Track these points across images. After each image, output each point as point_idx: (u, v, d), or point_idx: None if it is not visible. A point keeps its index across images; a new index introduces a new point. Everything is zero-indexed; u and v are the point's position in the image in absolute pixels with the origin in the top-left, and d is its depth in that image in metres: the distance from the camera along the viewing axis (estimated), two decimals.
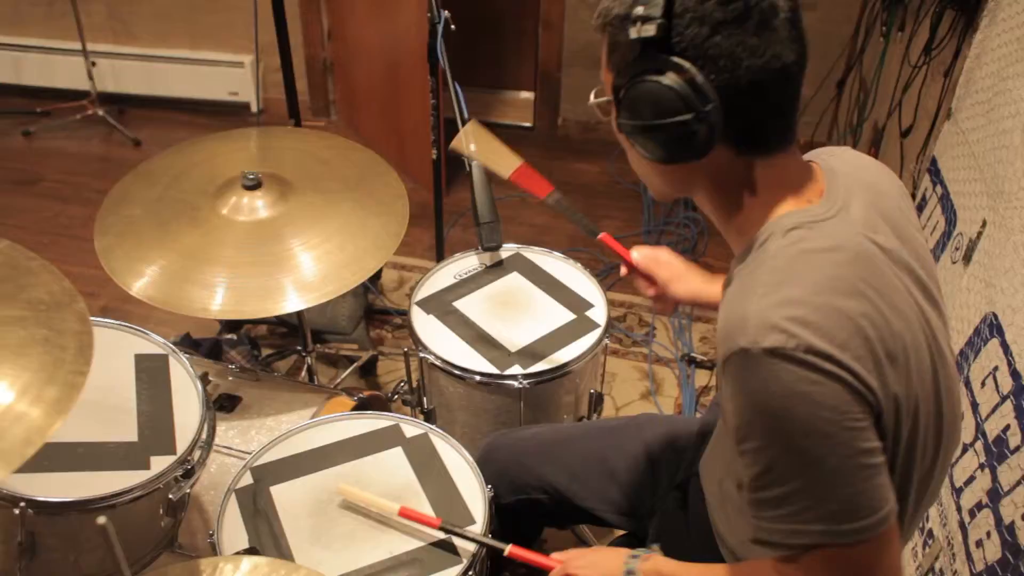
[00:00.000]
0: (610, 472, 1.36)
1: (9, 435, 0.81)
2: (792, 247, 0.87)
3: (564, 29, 3.37)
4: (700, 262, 2.88)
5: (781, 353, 0.80)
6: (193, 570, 1.07)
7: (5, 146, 3.55)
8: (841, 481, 0.83)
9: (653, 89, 0.85)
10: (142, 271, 1.50)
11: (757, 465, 0.86)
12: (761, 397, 0.82)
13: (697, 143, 0.86)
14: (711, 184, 0.93)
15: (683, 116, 0.84)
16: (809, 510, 0.84)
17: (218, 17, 3.55)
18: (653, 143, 0.89)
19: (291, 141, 1.85)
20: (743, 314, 0.84)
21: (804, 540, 0.86)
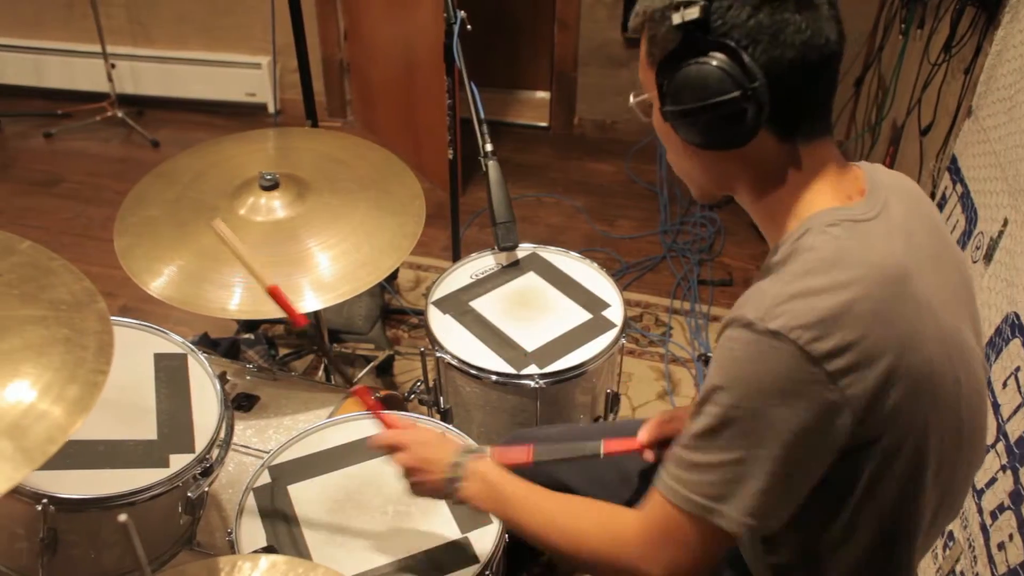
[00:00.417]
0: (625, 475, 1.35)
1: (32, 433, 0.82)
2: (829, 244, 0.86)
3: (580, 29, 3.36)
4: (717, 262, 2.87)
5: (784, 338, 0.81)
6: (212, 568, 1.07)
7: (27, 148, 3.59)
8: (765, 477, 0.84)
9: (699, 71, 0.84)
10: (160, 271, 1.51)
11: (705, 425, 0.86)
12: (749, 369, 0.83)
13: (744, 124, 0.85)
14: (753, 174, 0.93)
15: (730, 94, 0.83)
16: (727, 485, 0.86)
17: (235, 19, 3.57)
18: (700, 127, 0.88)
19: (308, 141, 1.86)
20: (762, 291, 0.85)
21: (691, 508, 0.88)
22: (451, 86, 1.93)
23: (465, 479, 1.10)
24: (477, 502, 1.10)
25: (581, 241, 2.97)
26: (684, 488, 0.88)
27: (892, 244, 0.88)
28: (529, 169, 3.41)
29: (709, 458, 0.86)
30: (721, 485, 0.86)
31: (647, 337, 2.56)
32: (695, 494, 0.87)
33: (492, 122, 1.69)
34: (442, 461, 1.12)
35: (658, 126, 0.95)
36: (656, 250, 2.94)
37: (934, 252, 0.94)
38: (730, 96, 0.84)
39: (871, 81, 2.94)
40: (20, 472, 0.78)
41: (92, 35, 3.46)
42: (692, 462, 0.88)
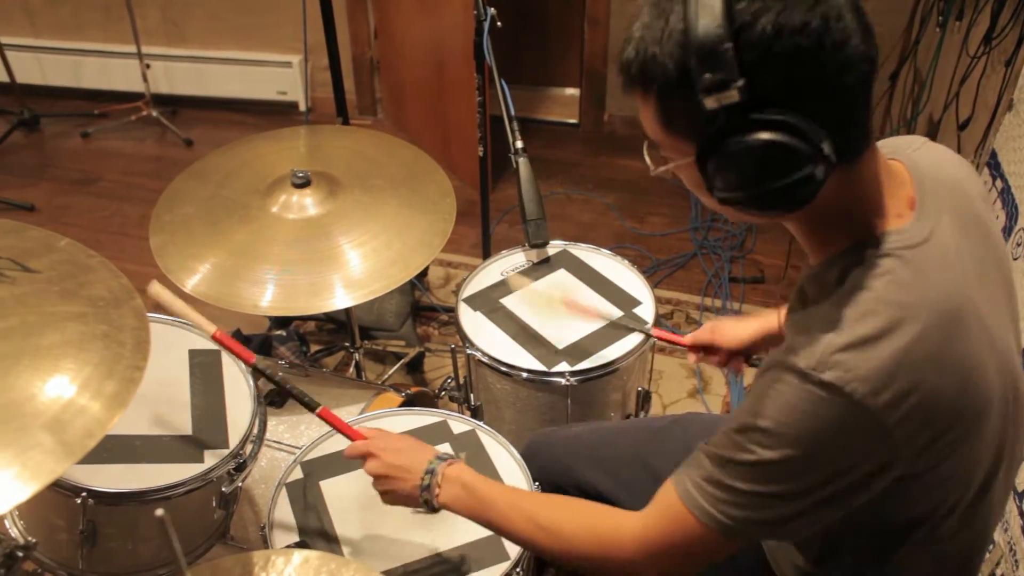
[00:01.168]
0: (654, 475, 1.34)
1: (72, 427, 0.83)
2: (881, 280, 0.81)
3: (610, 25, 3.35)
4: (749, 259, 2.84)
5: (839, 390, 0.77)
6: (246, 562, 1.08)
7: (65, 147, 3.65)
8: (799, 508, 0.83)
9: (756, 156, 0.76)
10: (195, 268, 1.52)
11: (744, 459, 0.83)
12: (799, 419, 0.80)
13: (817, 186, 0.78)
14: (804, 213, 0.85)
15: (807, 169, 0.75)
16: (739, 508, 0.84)
17: (266, 18, 3.60)
18: (767, 204, 0.80)
19: (339, 139, 1.87)
20: (814, 339, 0.80)
21: (711, 523, 0.86)
22: (481, 83, 1.93)
23: (440, 484, 1.08)
24: (455, 507, 1.08)
25: (611, 238, 2.96)
26: (707, 501, 0.86)
27: (946, 273, 0.84)
28: (559, 166, 3.40)
29: (739, 485, 0.84)
30: (748, 509, 0.84)
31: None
32: (718, 511, 0.86)
33: (521, 119, 1.68)
34: (415, 467, 1.10)
35: (692, 186, 0.88)
36: (687, 247, 2.92)
37: (980, 261, 0.90)
38: (806, 171, 0.76)
39: (907, 75, 2.89)
40: (61, 465, 0.80)
41: (128, 36, 3.52)
42: (719, 480, 0.86)
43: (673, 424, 1.42)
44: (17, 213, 3.18)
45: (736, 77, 0.73)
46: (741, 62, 0.73)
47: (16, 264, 1.01)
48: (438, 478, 1.09)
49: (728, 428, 0.86)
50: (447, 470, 1.09)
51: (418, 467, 1.10)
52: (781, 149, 0.75)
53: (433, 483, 1.09)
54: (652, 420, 1.50)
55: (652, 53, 0.78)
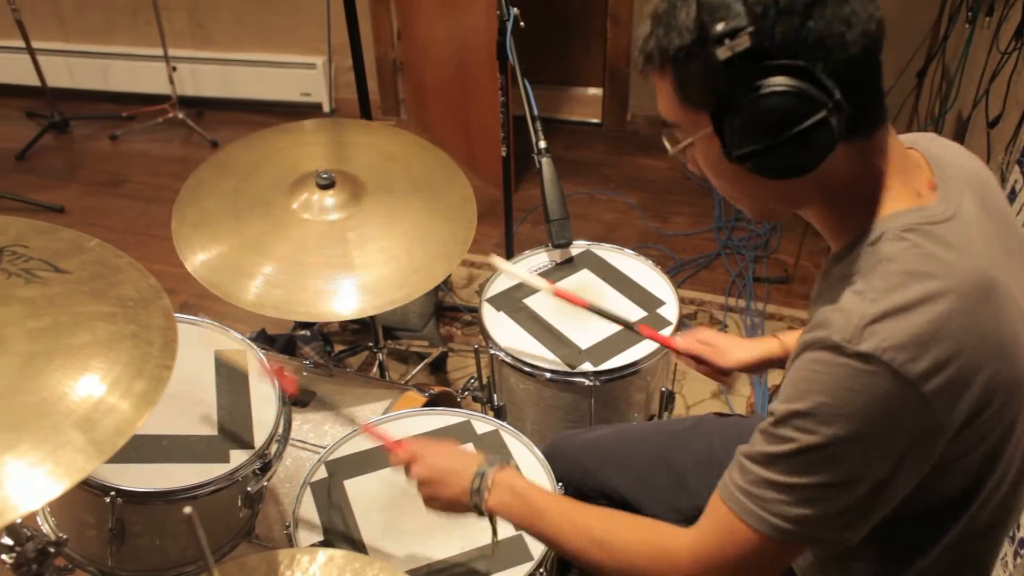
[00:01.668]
0: (677, 477, 1.33)
1: (102, 426, 0.84)
2: (909, 253, 0.81)
3: (632, 24, 3.33)
4: (773, 259, 2.82)
5: (875, 360, 0.76)
6: (271, 560, 1.09)
7: (94, 150, 3.70)
8: (852, 497, 0.81)
9: (771, 103, 0.77)
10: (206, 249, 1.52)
11: (786, 450, 0.82)
12: (839, 395, 0.78)
13: (828, 141, 0.79)
14: (825, 187, 0.86)
15: (817, 116, 0.77)
16: (791, 506, 0.82)
17: (290, 20, 3.62)
18: (780, 160, 0.80)
19: (363, 135, 1.86)
20: (847, 312, 0.80)
21: (764, 528, 0.84)
22: (504, 83, 1.93)
23: (490, 488, 1.06)
24: (505, 512, 1.06)
25: (634, 238, 2.95)
26: (757, 506, 0.84)
27: (973, 247, 0.84)
28: (582, 166, 3.39)
29: (788, 480, 0.82)
30: (801, 505, 0.82)
31: None
32: (771, 514, 0.83)
33: (544, 119, 1.68)
34: (464, 471, 1.08)
35: (709, 165, 0.89)
36: (711, 247, 2.90)
37: (1005, 243, 0.90)
38: (816, 119, 0.77)
39: (934, 72, 2.86)
40: (91, 463, 0.81)
41: (155, 39, 3.56)
42: (766, 479, 0.84)
43: (695, 426, 1.41)
44: (47, 214, 3.23)
45: (746, 24, 0.76)
46: (750, 12, 0.76)
47: (48, 265, 1.02)
48: (488, 482, 1.06)
49: (766, 423, 0.85)
50: (498, 475, 1.07)
51: (467, 470, 1.08)
52: (795, 94, 0.77)
53: (483, 486, 1.06)
54: (674, 422, 1.49)
55: (667, 23, 0.82)
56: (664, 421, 1.66)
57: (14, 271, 0.99)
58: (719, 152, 0.83)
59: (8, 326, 0.91)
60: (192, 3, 3.69)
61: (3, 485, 0.77)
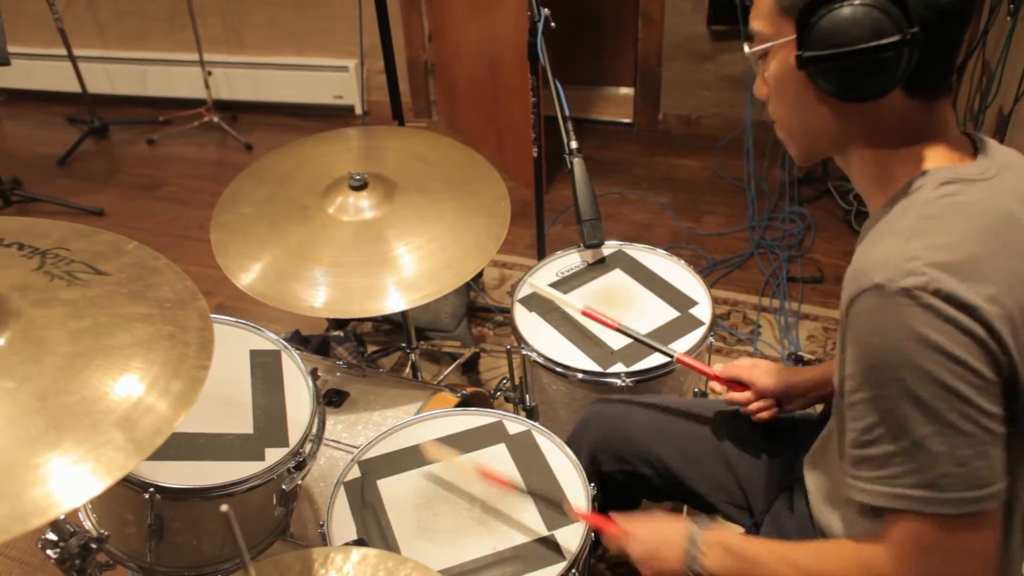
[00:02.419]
0: (725, 459, 1.32)
1: (141, 425, 0.86)
2: (945, 199, 0.83)
3: (664, 23, 3.32)
4: (807, 258, 2.78)
5: (917, 296, 0.77)
6: (306, 559, 1.10)
7: (132, 153, 3.77)
8: (955, 443, 0.79)
9: (855, 12, 0.81)
10: (251, 267, 1.55)
11: (867, 417, 0.82)
12: (886, 339, 0.78)
13: (892, 72, 0.82)
14: (874, 129, 0.89)
15: (890, 38, 0.80)
16: (914, 473, 0.81)
17: (323, 24, 3.66)
18: (844, 74, 0.83)
19: (395, 140, 1.88)
20: (884, 253, 0.80)
21: (902, 505, 0.82)
22: (535, 84, 1.93)
23: (704, 553, 1.08)
24: (723, 572, 1.07)
25: (667, 238, 2.93)
26: (891, 486, 0.82)
27: (1008, 201, 0.85)
28: (613, 166, 3.38)
29: (896, 447, 0.81)
30: (925, 468, 0.80)
31: (735, 335, 2.50)
32: (909, 487, 0.81)
33: (575, 119, 1.67)
34: (674, 542, 1.10)
35: (777, 78, 0.92)
36: (744, 247, 2.87)
37: None
38: (889, 40, 0.80)
39: (974, 67, 2.80)
40: (132, 461, 0.82)
41: (191, 45, 3.62)
42: (883, 454, 0.82)
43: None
44: (87, 217, 3.29)
45: None
46: None
47: (89, 267, 1.04)
48: (701, 546, 1.08)
49: (842, 405, 0.85)
50: (707, 536, 1.09)
51: (678, 540, 1.10)
52: (877, 9, 0.80)
53: (697, 553, 1.08)
54: (718, 402, 1.43)
55: None
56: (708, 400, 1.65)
57: (57, 273, 1.01)
58: (792, 61, 0.86)
59: (51, 327, 0.92)
60: (226, 8, 3.75)
61: (47, 482, 0.78)
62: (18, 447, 0.80)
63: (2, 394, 0.84)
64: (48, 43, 3.79)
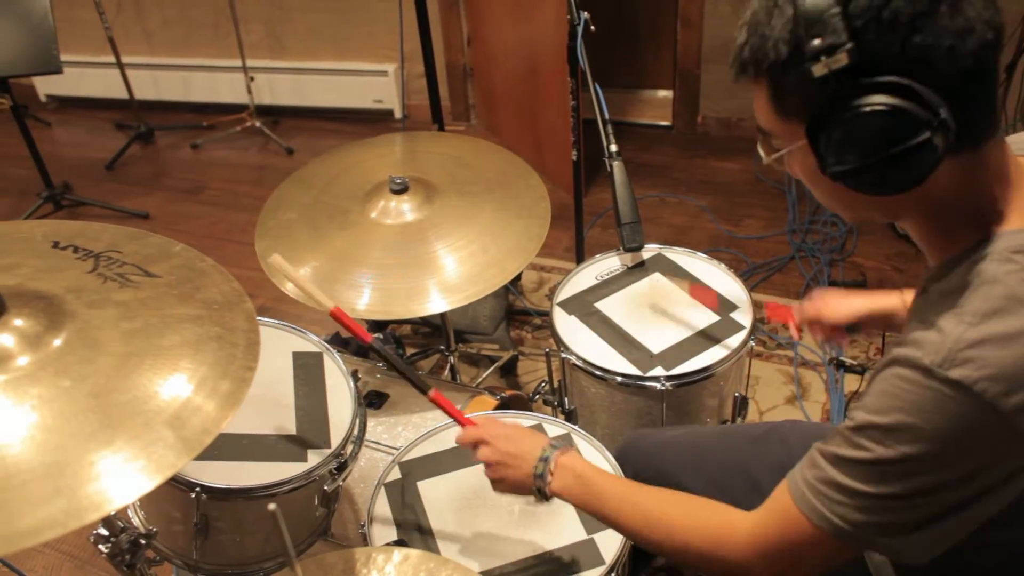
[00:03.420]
0: (753, 483, 1.31)
1: (190, 424, 0.88)
2: (1015, 275, 0.77)
3: (703, 25, 3.30)
4: (849, 262, 2.74)
5: (966, 389, 0.73)
6: (349, 559, 1.12)
7: (177, 158, 3.85)
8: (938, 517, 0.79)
9: (870, 123, 0.74)
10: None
11: (860, 457, 0.80)
12: (922, 419, 0.76)
13: (935, 157, 0.75)
14: (927, 200, 0.82)
15: (920, 136, 0.73)
16: (856, 511, 0.81)
17: (363, 29, 3.70)
18: (878, 179, 0.78)
19: (435, 145, 1.90)
20: (942, 334, 0.76)
21: (815, 518, 0.83)
22: (575, 87, 1.93)
23: (553, 472, 1.08)
24: (566, 496, 1.08)
25: (706, 241, 2.91)
26: (822, 504, 0.84)
27: None
28: (652, 169, 3.37)
29: (857, 486, 0.81)
30: (866, 512, 0.81)
31: (775, 340, 2.48)
32: (835, 515, 0.83)
33: (614, 122, 1.67)
34: (528, 455, 1.10)
35: (805, 175, 0.87)
36: (784, 250, 2.84)
37: None
38: (920, 139, 0.73)
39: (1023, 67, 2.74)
40: (181, 460, 0.84)
41: (234, 51, 3.68)
42: (836, 481, 0.82)
43: (772, 432, 1.38)
44: (133, 220, 3.36)
45: (845, 41, 0.73)
46: (850, 27, 0.73)
47: (140, 269, 1.07)
48: (551, 465, 1.08)
49: (844, 426, 0.83)
50: (561, 458, 1.09)
51: (532, 454, 1.10)
52: (894, 113, 0.73)
53: (547, 471, 1.08)
54: (750, 427, 1.46)
55: (762, 33, 0.79)
56: (739, 425, 1.64)
57: (110, 276, 1.04)
58: (815, 164, 0.81)
59: (105, 328, 0.95)
60: (268, 15, 3.81)
61: (100, 479, 0.81)
62: (74, 444, 0.83)
63: (59, 392, 0.86)
64: (98, 51, 3.89)
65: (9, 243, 1.10)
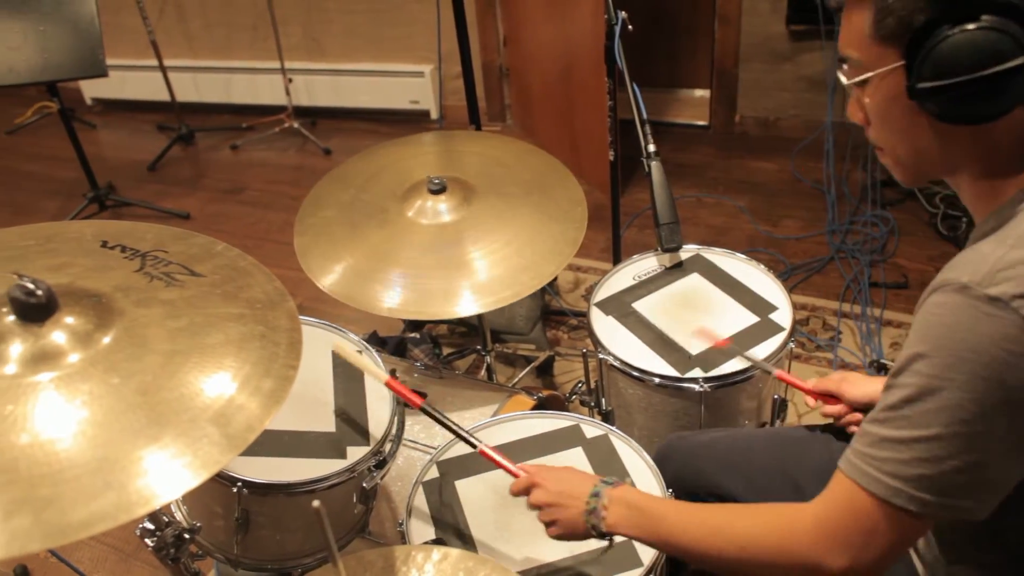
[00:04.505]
0: (794, 486, 1.30)
1: (234, 421, 0.89)
2: None
3: (741, 23, 3.27)
4: (890, 263, 2.70)
5: (1006, 305, 0.73)
6: (388, 556, 1.13)
7: (217, 159, 3.91)
8: (987, 454, 0.76)
9: (972, 39, 0.76)
10: (333, 269, 1.58)
11: (901, 396, 0.79)
12: (960, 337, 0.75)
13: (1019, 91, 0.77)
14: (987, 148, 0.84)
15: (1017, 60, 0.75)
16: (907, 464, 0.78)
17: (400, 30, 3.73)
18: (969, 101, 0.79)
19: (472, 145, 1.90)
20: (982, 255, 0.77)
21: (871, 486, 0.81)
22: (612, 87, 1.93)
23: (607, 507, 1.06)
24: (624, 529, 1.05)
25: (744, 242, 2.89)
26: (872, 467, 0.82)
27: None
28: (689, 169, 3.35)
29: (903, 433, 0.79)
30: (915, 464, 0.79)
31: (814, 342, 2.45)
32: (885, 474, 0.80)
33: (650, 122, 1.66)
34: (579, 493, 1.08)
35: (880, 106, 0.87)
36: (823, 251, 2.81)
37: None
38: (1015, 64, 0.76)
39: None
40: (226, 456, 0.85)
41: (272, 53, 3.73)
42: (883, 437, 0.81)
43: (814, 435, 1.37)
44: (175, 220, 3.42)
45: None
46: None
47: (185, 269, 1.09)
48: (604, 500, 1.06)
49: (889, 375, 0.82)
50: (612, 492, 1.07)
51: (582, 492, 1.08)
52: (998, 32, 0.76)
53: (599, 506, 1.06)
54: (791, 429, 1.44)
55: None
56: (780, 428, 1.62)
57: (156, 275, 1.06)
58: (898, 89, 0.82)
59: (152, 326, 0.97)
60: (307, 18, 3.85)
61: (148, 474, 0.82)
62: (123, 439, 0.84)
63: (109, 389, 0.88)
64: (141, 55, 3.96)
65: (60, 243, 1.13)
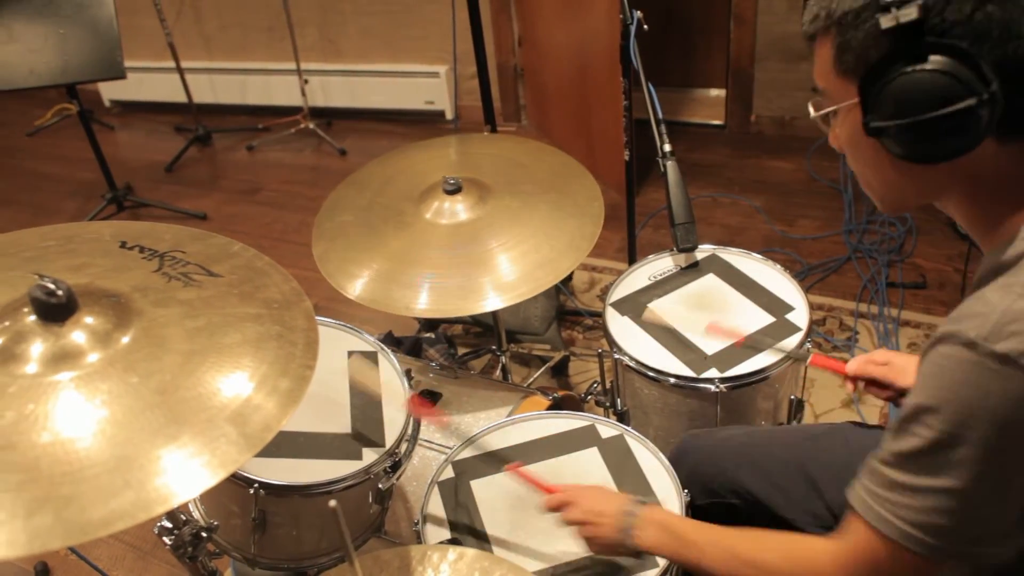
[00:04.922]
0: (812, 482, 1.29)
1: (251, 421, 0.89)
2: None
3: (757, 23, 3.25)
4: (908, 263, 2.68)
5: (1014, 363, 0.72)
6: (404, 556, 1.13)
7: (233, 160, 3.93)
8: (1004, 504, 0.77)
9: (921, 80, 0.76)
10: (354, 273, 1.60)
11: (912, 447, 0.78)
12: (968, 394, 0.74)
13: (972, 132, 0.76)
14: (967, 181, 0.83)
15: (966, 103, 0.74)
16: (939, 514, 0.78)
17: (415, 31, 3.74)
18: (917, 141, 0.79)
19: (488, 146, 1.91)
20: (989, 305, 0.75)
21: (889, 532, 0.81)
22: (627, 87, 1.92)
23: (640, 527, 1.09)
24: (655, 549, 1.09)
25: (760, 242, 2.87)
26: (887, 511, 0.82)
27: None
28: (704, 169, 3.33)
29: (918, 481, 0.79)
30: (932, 513, 0.79)
31: (831, 342, 2.43)
32: (901, 520, 0.81)
33: (666, 121, 1.66)
34: (614, 512, 1.12)
35: (848, 138, 0.88)
36: (840, 251, 2.79)
37: None
38: (963, 106, 0.74)
39: None
40: (243, 456, 0.86)
41: (288, 54, 3.75)
42: (896, 481, 0.81)
43: (832, 432, 1.36)
44: (192, 221, 3.45)
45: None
46: None
47: (202, 269, 1.09)
48: (637, 520, 1.10)
49: (895, 420, 0.82)
50: (645, 512, 1.11)
51: (616, 510, 1.12)
52: (945, 75, 0.75)
53: (632, 526, 1.10)
54: (809, 427, 1.44)
55: None
56: (798, 426, 1.62)
57: (174, 275, 1.07)
58: (860, 124, 0.82)
59: (170, 326, 0.97)
60: (322, 19, 3.87)
61: (167, 473, 0.83)
62: (142, 438, 0.85)
63: (128, 388, 0.89)
64: (158, 56, 3.99)
65: (80, 243, 1.14)
